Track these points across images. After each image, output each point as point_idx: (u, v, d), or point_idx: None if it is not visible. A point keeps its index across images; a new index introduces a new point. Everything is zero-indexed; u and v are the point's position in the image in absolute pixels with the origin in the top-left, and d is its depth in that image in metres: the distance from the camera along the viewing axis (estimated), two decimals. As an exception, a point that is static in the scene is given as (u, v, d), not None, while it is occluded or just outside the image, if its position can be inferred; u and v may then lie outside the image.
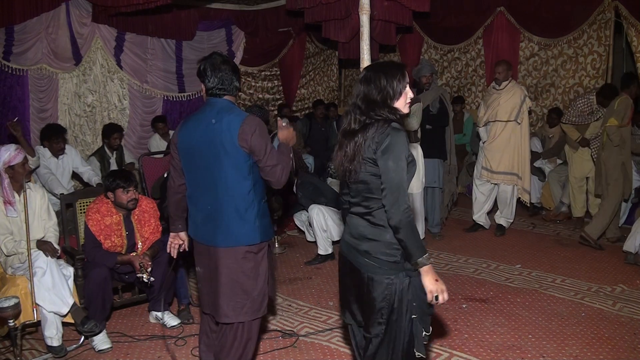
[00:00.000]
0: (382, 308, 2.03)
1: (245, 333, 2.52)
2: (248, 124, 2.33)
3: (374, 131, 1.97)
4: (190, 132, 2.44)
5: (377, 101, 2.01)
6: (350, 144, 2.02)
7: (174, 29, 6.52)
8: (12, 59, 5.31)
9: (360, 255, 2.06)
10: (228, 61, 2.46)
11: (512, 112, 5.12)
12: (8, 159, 3.29)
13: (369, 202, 2.03)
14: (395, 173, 1.92)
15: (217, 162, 2.36)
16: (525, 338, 3.29)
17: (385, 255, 2.01)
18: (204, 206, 2.45)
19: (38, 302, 3.14)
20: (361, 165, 1.98)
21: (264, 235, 2.46)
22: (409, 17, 5.41)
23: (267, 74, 8.04)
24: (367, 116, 2.02)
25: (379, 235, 2.02)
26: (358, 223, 2.09)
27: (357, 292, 2.13)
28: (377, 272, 2.02)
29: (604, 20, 6.16)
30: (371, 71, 2.08)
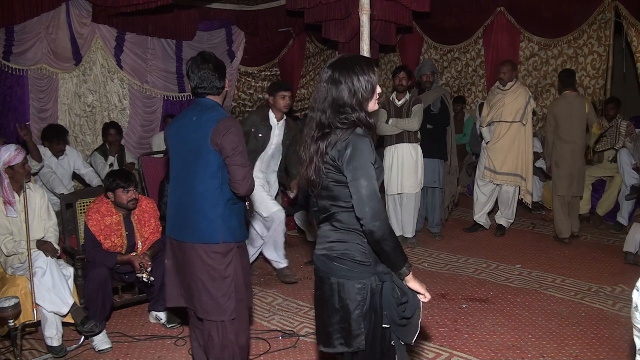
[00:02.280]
0: (358, 316, 1.87)
1: (220, 334, 2.51)
2: (222, 124, 2.37)
3: (336, 138, 1.82)
4: (175, 129, 2.54)
5: (348, 104, 1.83)
6: (311, 152, 1.87)
7: (174, 29, 6.51)
8: (12, 59, 5.31)
9: (330, 261, 1.90)
10: (209, 60, 2.48)
11: (517, 113, 5.10)
12: (8, 159, 3.29)
13: (333, 208, 1.90)
14: (366, 187, 1.78)
15: (191, 159, 2.44)
16: (525, 338, 3.29)
17: (355, 258, 1.87)
18: (176, 200, 2.53)
19: (38, 302, 3.14)
20: (323, 173, 1.85)
21: (227, 236, 2.44)
22: (409, 17, 5.41)
23: (267, 74, 8.03)
24: (333, 121, 1.84)
25: (346, 238, 1.89)
26: (325, 229, 1.96)
27: (327, 308, 1.93)
28: (347, 276, 1.87)
29: (604, 20, 6.16)
30: (339, 70, 1.85)
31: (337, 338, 1.92)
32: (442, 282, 4.21)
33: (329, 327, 1.93)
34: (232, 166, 2.38)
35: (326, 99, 1.86)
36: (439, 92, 5.25)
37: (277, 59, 7.98)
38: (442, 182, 5.32)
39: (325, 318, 1.94)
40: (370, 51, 3.30)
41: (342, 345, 1.91)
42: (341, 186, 1.85)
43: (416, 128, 4.81)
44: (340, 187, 1.85)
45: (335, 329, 1.91)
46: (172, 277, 2.59)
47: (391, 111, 4.96)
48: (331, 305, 1.91)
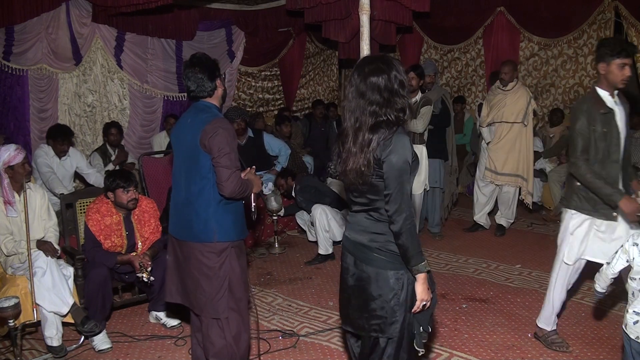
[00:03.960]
0: (395, 305, 1.98)
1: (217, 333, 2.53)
2: (211, 125, 2.41)
3: (382, 134, 1.91)
4: (175, 132, 2.63)
5: (396, 91, 1.93)
6: (359, 144, 1.94)
7: (174, 29, 6.52)
8: (12, 59, 5.31)
9: (369, 251, 2.01)
10: (195, 64, 2.50)
11: (519, 114, 5.09)
12: (8, 159, 3.29)
13: (374, 201, 2.00)
14: (399, 180, 1.90)
15: (187, 160, 2.52)
16: (525, 338, 3.29)
17: (394, 250, 1.98)
18: (175, 201, 2.62)
19: (38, 302, 3.14)
20: (368, 167, 1.93)
21: (221, 235, 2.49)
22: (409, 17, 5.41)
23: (267, 74, 8.04)
24: (387, 110, 1.93)
25: (386, 230, 1.98)
26: (363, 219, 2.05)
27: (364, 294, 2.03)
28: (386, 267, 1.99)
29: (604, 20, 6.17)
30: (377, 62, 1.96)
31: (372, 324, 2.01)
32: (442, 282, 4.20)
33: (364, 312, 2.02)
34: (217, 167, 2.42)
35: (375, 89, 1.93)
36: (440, 92, 5.25)
37: (277, 59, 7.98)
38: (443, 183, 5.32)
39: (360, 304, 2.04)
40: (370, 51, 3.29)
41: (377, 332, 2.01)
42: (382, 180, 1.94)
43: (420, 130, 4.80)
44: (382, 180, 1.94)
45: (372, 315, 2.01)
46: (172, 273, 2.66)
47: None
48: (368, 293, 2.01)
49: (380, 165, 1.91)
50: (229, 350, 2.55)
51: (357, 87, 1.96)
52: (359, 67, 2.00)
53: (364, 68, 1.97)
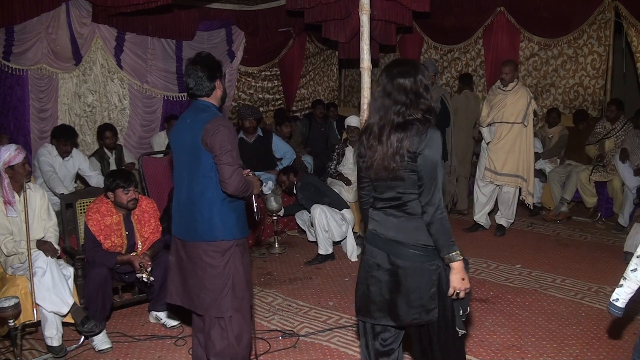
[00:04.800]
0: (434, 293, 2.08)
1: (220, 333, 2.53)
2: (212, 124, 2.41)
3: (416, 129, 2.00)
4: (175, 133, 2.61)
5: (421, 95, 2.04)
6: (391, 140, 2.01)
7: (174, 29, 6.52)
8: (12, 59, 5.31)
9: (404, 247, 2.08)
10: (197, 62, 2.51)
11: (519, 114, 5.08)
12: (8, 159, 3.28)
13: (404, 196, 2.07)
14: (433, 173, 2.01)
15: (188, 160, 2.51)
16: (525, 338, 3.29)
17: (428, 244, 2.06)
18: (177, 201, 2.60)
19: (38, 302, 3.14)
20: (401, 162, 2.00)
21: (225, 234, 2.49)
22: (409, 17, 5.41)
23: (267, 74, 8.04)
24: (413, 111, 2.03)
25: (419, 224, 2.06)
26: (392, 216, 2.11)
27: (401, 287, 2.10)
28: (422, 260, 2.07)
29: (604, 20, 6.17)
30: (406, 64, 2.10)
31: (412, 314, 2.10)
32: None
33: (402, 305, 2.10)
34: (220, 165, 2.41)
35: (401, 90, 2.04)
36: (439, 92, 5.25)
37: (277, 59, 7.98)
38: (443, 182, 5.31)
39: (397, 297, 2.11)
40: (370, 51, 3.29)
41: (417, 320, 2.11)
42: (414, 175, 2.02)
43: None
44: (414, 175, 2.02)
45: (411, 306, 2.09)
46: (174, 274, 2.65)
47: None
48: (406, 286, 2.09)
49: (413, 159, 2.00)
50: (231, 351, 2.55)
51: (384, 87, 2.07)
52: (387, 68, 2.11)
53: (393, 70, 2.08)
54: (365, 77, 3.29)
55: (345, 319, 3.65)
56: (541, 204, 6.19)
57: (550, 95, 6.74)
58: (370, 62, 3.30)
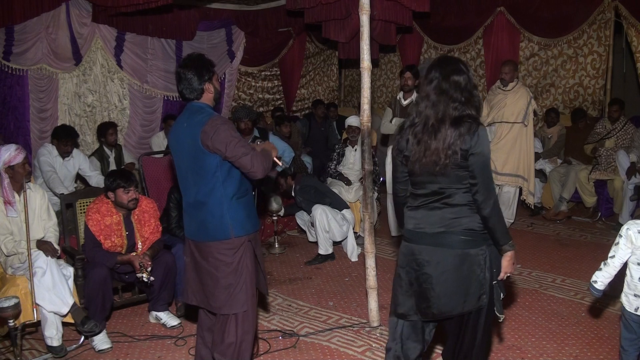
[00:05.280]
0: (483, 279, 2.13)
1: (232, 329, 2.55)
2: (209, 125, 2.40)
3: (468, 127, 2.05)
4: (173, 134, 2.61)
5: (473, 93, 2.11)
6: (446, 136, 2.05)
7: (174, 29, 6.51)
8: (12, 59, 5.31)
9: (453, 235, 2.11)
10: (186, 65, 2.50)
11: (519, 114, 5.08)
12: (8, 159, 3.28)
13: (449, 190, 2.11)
14: (487, 170, 2.08)
15: (190, 163, 2.50)
16: (525, 338, 3.29)
17: (476, 229, 2.11)
18: (186, 204, 2.61)
19: (38, 302, 3.14)
20: (453, 158, 2.04)
21: (237, 230, 2.51)
22: (409, 17, 5.41)
23: (267, 74, 8.04)
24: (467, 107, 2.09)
25: (463, 212, 2.11)
26: (434, 210, 2.14)
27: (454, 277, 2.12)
28: (471, 246, 2.11)
29: (604, 20, 6.16)
30: (458, 63, 2.15)
31: (467, 303, 2.14)
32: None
33: (456, 295, 2.13)
34: (236, 160, 2.41)
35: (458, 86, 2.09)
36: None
37: (277, 59, 7.98)
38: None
39: (450, 288, 2.13)
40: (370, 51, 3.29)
41: (471, 307, 2.15)
42: (462, 171, 2.07)
43: None
44: (461, 171, 2.07)
45: (466, 293, 2.13)
46: (189, 274, 2.67)
47: (397, 111, 4.95)
48: (459, 276, 2.13)
49: (464, 157, 2.04)
50: (235, 349, 2.55)
51: (439, 84, 2.11)
52: (440, 66, 2.15)
53: (446, 67, 2.13)
54: (365, 77, 3.28)
55: (345, 319, 3.65)
56: (541, 204, 6.19)
57: (550, 95, 6.74)
58: (370, 62, 3.30)
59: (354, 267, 4.70)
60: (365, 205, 3.49)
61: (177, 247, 3.70)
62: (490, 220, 2.09)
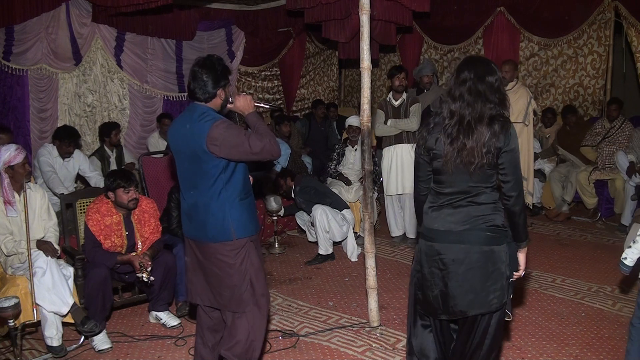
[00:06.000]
0: (504, 274, 2.17)
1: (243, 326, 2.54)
2: (215, 130, 2.39)
3: (500, 126, 2.08)
4: (174, 134, 2.57)
5: (504, 93, 2.15)
6: (481, 136, 2.07)
7: (174, 29, 6.52)
8: (12, 59, 5.31)
9: (480, 231, 2.14)
10: (204, 65, 2.48)
11: (520, 114, 5.07)
12: (8, 159, 3.28)
13: (477, 189, 2.15)
14: (518, 167, 2.13)
15: (192, 164, 2.49)
16: (525, 338, 3.29)
17: (500, 226, 2.16)
18: (187, 204, 2.59)
19: (38, 302, 3.14)
20: (488, 157, 2.07)
21: (240, 232, 2.51)
22: (409, 17, 5.42)
23: (267, 74, 8.04)
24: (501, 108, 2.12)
25: (487, 209, 2.15)
26: (461, 207, 2.16)
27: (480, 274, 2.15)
28: (496, 242, 2.15)
29: (604, 20, 6.17)
30: (490, 64, 2.17)
31: (492, 298, 2.16)
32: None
33: (482, 292, 2.15)
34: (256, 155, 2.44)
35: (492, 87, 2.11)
36: (439, 92, 5.25)
37: (277, 59, 7.98)
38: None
39: (476, 285, 2.15)
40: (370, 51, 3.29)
41: (496, 304, 2.17)
42: (491, 169, 2.12)
43: (415, 128, 4.81)
44: (491, 170, 2.12)
45: (490, 290, 2.15)
46: (192, 274, 2.66)
47: (389, 112, 4.95)
48: (485, 272, 2.15)
49: (497, 155, 2.09)
50: (244, 347, 2.55)
51: (474, 85, 2.11)
52: (472, 66, 2.16)
53: (479, 68, 2.14)
54: (365, 77, 3.28)
55: (345, 319, 3.65)
56: (541, 204, 6.19)
57: (550, 95, 6.74)
58: (370, 62, 3.30)
59: (354, 267, 4.70)
60: (365, 205, 3.49)
61: (178, 247, 3.70)
62: (520, 216, 2.17)
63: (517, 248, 2.23)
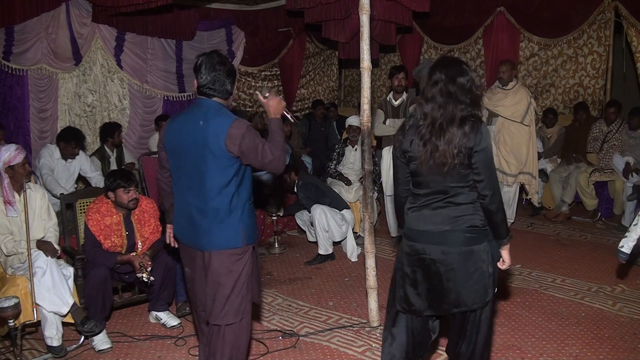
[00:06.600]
0: (489, 273, 2.19)
1: (230, 339, 2.47)
2: (236, 128, 2.29)
3: (471, 126, 2.08)
4: (177, 131, 2.42)
5: (477, 94, 2.14)
6: (453, 137, 2.08)
7: (174, 29, 6.51)
8: (12, 59, 5.31)
9: (459, 232, 2.16)
10: (225, 62, 2.41)
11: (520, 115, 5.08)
12: (8, 159, 3.29)
13: (454, 189, 2.15)
14: (491, 166, 2.13)
15: (202, 164, 2.34)
16: (525, 338, 3.30)
17: (479, 226, 2.17)
18: (188, 208, 2.44)
19: (38, 302, 3.14)
20: (460, 158, 2.08)
21: (247, 238, 2.43)
22: (409, 17, 5.41)
23: (267, 74, 8.04)
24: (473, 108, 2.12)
25: (466, 210, 2.16)
26: (439, 208, 2.17)
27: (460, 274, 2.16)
28: (475, 242, 2.17)
29: (604, 20, 6.16)
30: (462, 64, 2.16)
31: (474, 297, 2.18)
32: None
33: (463, 290, 2.18)
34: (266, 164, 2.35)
35: (463, 88, 2.11)
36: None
37: (277, 59, 7.97)
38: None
39: (456, 285, 2.18)
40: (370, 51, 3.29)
41: (478, 303, 2.20)
42: (466, 169, 2.12)
43: None
44: (465, 170, 2.12)
45: (471, 290, 2.18)
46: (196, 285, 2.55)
47: (388, 112, 4.95)
48: (465, 272, 2.17)
49: (469, 155, 2.09)
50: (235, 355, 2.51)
51: (445, 86, 2.12)
52: (443, 67, 2.15)
53: (451, 69, 2.14)
54: (365, 77, 3.28)
55: (345, 319, 3.65)
56: (541, 204, 6.19)
57: (550, 95, 6.74)
58: (370, 62, 3.30)
59: (354, 267, 4.70)
60: (365, 205, 3.49)
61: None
62: (497, 215, 2.16)
63: (499, 245, 2.24)
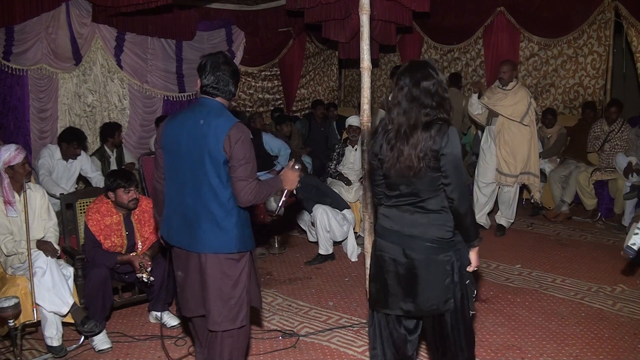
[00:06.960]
0: (449, 283, 2.18)
1: (229, 344, 2.45)
2: (235, 130, 2.28)
3: (437, 129, 2.08)
4: (176, 130, 2.37)
5: (444, 97, 2.13)
6: (418, 141, 2.08)
7: (174, 29, 6.52)
8: (12, 59, 5.31)
9: (421, 241, 2.16)
10: (230, 63, 2.42)
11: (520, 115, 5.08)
12: (8, 159, 3.29)
13: (420, 192, 2.15)
14: (459, 169, 2.11)
15: (199, 165, 2.30)
16: (525, 338, 3.30)
17: (444, 237, 2.16)
18: (181, 209, 2.39)
19: (38, 302, 3.14)
20: (426, 161, 2.08)
21: (242, 245, 2.39)
22: (409, 17, 5.42)
23: (267, 74, 8.04)
24: (439, 112, 2.11)
25: (434, 219, 2.16)
26: (408, 213, 2.19)
27: (419, 280, 2.18)
28: (437, 252, 2.16)
29: (604, 20, 6.16)
30: (427, 68, 2.14)
31: (430, 305, 2.20)
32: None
33: (420, 296, 2.19)
34: (232, 177, 2.29)
35: (427, 92, 2.10)
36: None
37: (277, 59, 7.98)
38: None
39: (415, 289, 2.20)
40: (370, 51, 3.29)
41: (434, 311, 2.21)
42: (435, 172, 2.10)
43: None
44: (435, 173, 2.11)
45: (427, 297, 2.19)
46: (184, 289, 2.50)
47: None
48: (422, 279, 2.18)
49: (436, 157, 2.08)
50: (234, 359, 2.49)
51: (410, 91, 2.12)
52: (410, 72, 2.15)
53: (416, 73, 2.13)
54: (365, 77, 3.28)
55: (345, 319, 3.65)
56: (541, 204, 6.19)
57: (550, 95, 6.74)
58: (370, 62, 3.29)
59: (354, 267, 4.70)
60: (365, 205, 3.49)
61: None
62: (466, 217, 2.16)
63: (469, 247, 2.23)
